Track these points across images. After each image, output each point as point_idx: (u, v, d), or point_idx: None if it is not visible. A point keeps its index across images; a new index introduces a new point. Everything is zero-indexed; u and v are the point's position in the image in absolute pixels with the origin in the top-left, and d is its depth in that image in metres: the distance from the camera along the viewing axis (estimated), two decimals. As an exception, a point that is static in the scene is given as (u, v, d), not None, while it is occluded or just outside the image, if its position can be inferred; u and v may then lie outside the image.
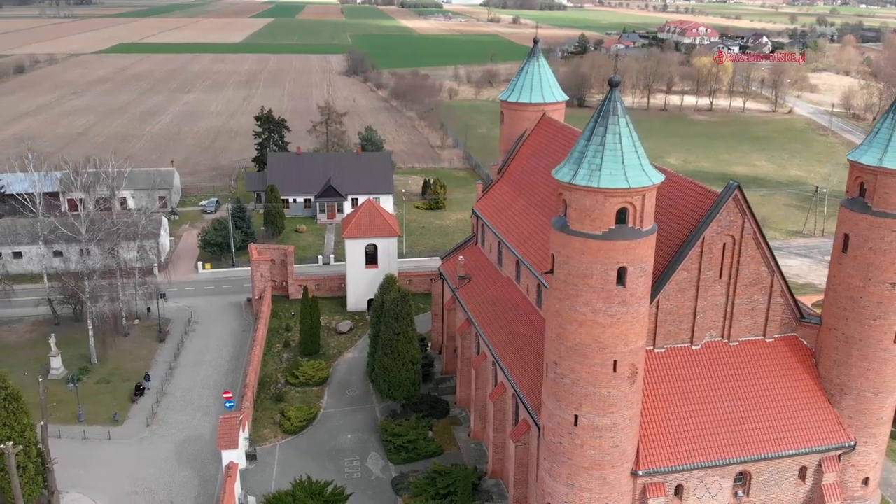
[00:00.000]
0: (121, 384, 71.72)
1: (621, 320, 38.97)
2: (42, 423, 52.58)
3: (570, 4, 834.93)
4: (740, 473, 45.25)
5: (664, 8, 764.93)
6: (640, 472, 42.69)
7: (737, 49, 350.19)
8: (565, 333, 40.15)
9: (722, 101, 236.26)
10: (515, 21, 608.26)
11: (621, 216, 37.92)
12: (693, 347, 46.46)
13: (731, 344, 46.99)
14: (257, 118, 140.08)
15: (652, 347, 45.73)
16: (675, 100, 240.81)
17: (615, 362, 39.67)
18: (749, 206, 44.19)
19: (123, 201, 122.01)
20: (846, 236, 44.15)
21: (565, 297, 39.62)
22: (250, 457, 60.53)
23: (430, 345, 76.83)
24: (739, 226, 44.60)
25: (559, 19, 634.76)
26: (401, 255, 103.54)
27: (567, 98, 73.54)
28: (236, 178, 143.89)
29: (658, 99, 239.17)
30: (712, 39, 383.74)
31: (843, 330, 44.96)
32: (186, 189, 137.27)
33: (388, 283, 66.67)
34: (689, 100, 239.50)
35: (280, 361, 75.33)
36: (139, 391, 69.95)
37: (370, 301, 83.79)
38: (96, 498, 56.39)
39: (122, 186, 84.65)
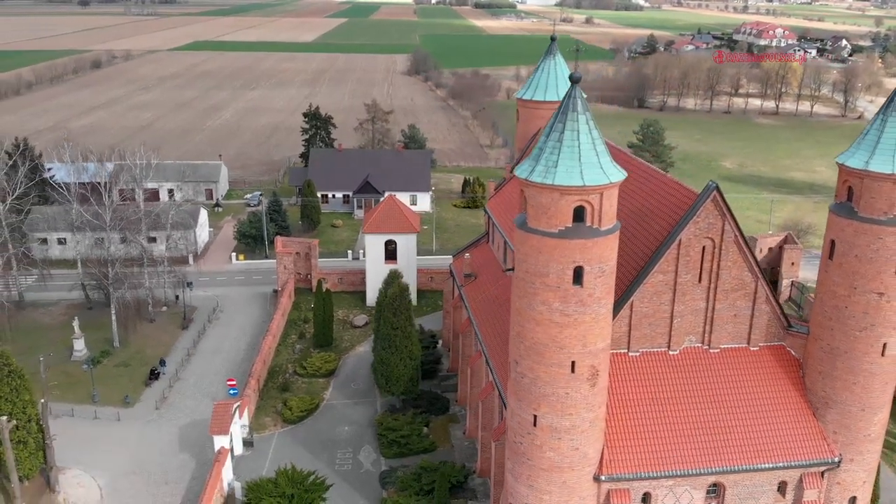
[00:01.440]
0: (139, 368, 74.11)
1: (579, 320, 38.15)
2: (43, 400, 54.86)
3: (646, 4, 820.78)
4: (714, 485, 43.69)
5: (744, 9, 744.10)
6: (604, 478, 41.70)
7: (814, 52, 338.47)
8: (524, 332, 39.62)
9: (788, 105, 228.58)
10: (588, 21, 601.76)
11: (579, 214, 37.20)
12: (670, 352, 45.14)
13: (711, 350, 45.47)
14: (305, 115, 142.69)
15: (626, 351, 44.71)
16: (739, 102, 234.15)
17: (573, 363, 38.87)
18: (729, 209, 42.71)
19: (171, 192, 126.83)
20: (833, 242, 42.22)
21: (524, 296, 39.10)
22: (247, 443, 61.80)
23: (440, 342, 76.88)
24: (719, 228, 43.10)
25: (634, 19, 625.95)
26: (430, 253, 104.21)
27: (584, 96, 72.29)
28: (283, 174, 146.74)
29: (722, 101, 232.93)
30: (789, 42, 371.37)
31: (829, 341, 42.95)
32: (235, 183, 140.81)
33: (392, 278, 66.97)
34: (755, 103, 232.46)
35: (292, 352, 76.62)
36: (154, 375, 72.16)
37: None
38: (96, 476, 58.40)
39: (149, 177, 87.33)
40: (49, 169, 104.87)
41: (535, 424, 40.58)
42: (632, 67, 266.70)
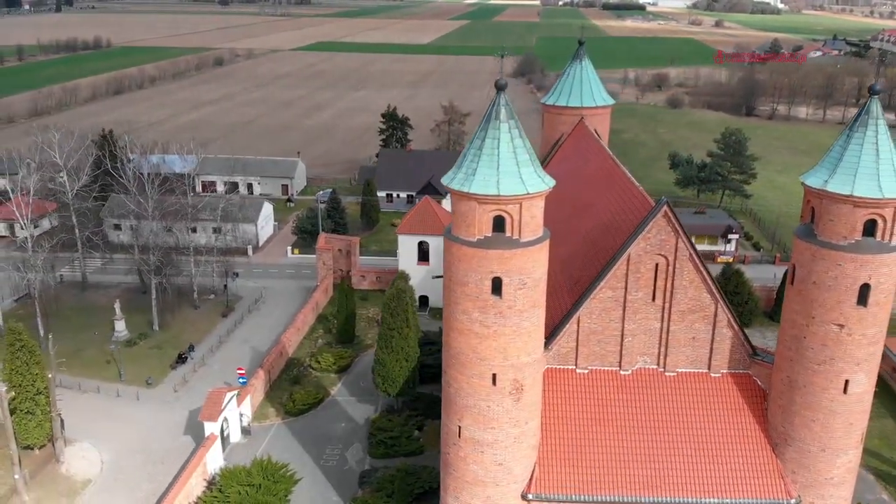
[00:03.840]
0: (169, 351, 77.78)
1: (499, 332, 37.28)
2: (50, 374, 58.73)
3: (784, 8, 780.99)
4: (655, 514, 41.58)
5: (891, 15, 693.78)
6: (531, 496, 40.55)
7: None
8: (449, 340, 39.18)
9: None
10: (718, 24, 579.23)
11: (500, 224, 36.34)
12: (622, 372, 43.27)
13: (667, 373, 43.25)
14: (383, 116, 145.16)
15: (574, 367, 43.21)
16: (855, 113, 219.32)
17: (494, 375, 38.05)
18: (682, 226, 40.44)
19: (250, 186, 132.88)
20: (794, 267, 39.22)
21: (448, 304, 38.66)
22: (245, 432, 63.81)
23: (458, 346, 76.49)
24: (672, 245, 40.94)
25: (768, 23, 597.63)
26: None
27: (613, 102, 70.37)
28: (359, 173, 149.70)
29: (837, 112, 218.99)
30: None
31: (788, 373, 39.93)
32: (313, 180, 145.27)
33: (399, 278, 67.29)
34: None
35: (314, 346, 78.36)
36: (181, 359, 75.60)
37: (420, 297, 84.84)
38: (102, 450, 61.85)
39: (196, 170, 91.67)
40: (129, 161, 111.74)
41: (459, 436, 40.01)
42: (746, 72, 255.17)
